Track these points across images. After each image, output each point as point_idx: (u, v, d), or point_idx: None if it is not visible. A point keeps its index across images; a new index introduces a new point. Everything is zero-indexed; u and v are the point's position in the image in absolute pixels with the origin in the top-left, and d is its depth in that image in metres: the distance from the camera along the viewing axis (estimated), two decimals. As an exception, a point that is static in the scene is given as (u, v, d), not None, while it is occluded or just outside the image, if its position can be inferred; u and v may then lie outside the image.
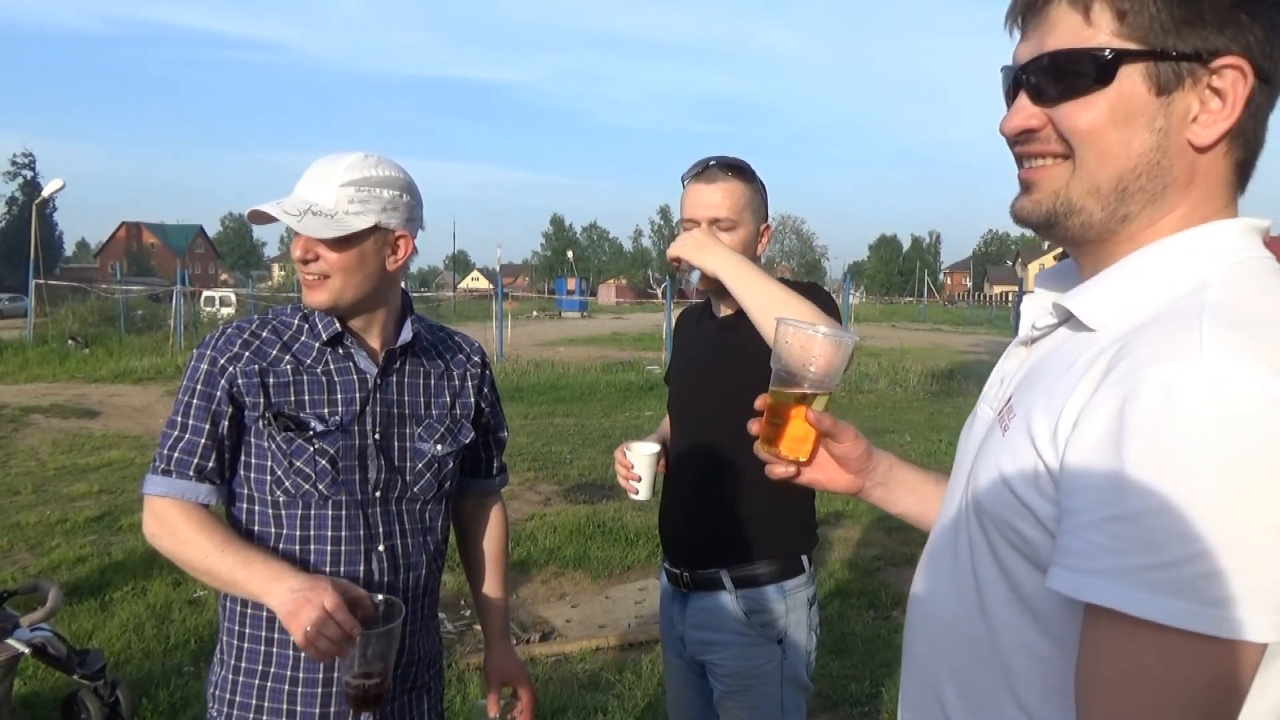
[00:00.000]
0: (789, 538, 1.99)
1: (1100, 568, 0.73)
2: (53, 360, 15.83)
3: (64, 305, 21.70)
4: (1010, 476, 0.84)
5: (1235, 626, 0.70)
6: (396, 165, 1.63)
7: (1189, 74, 0.81)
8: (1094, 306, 0.86)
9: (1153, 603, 0.71)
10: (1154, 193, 0.85)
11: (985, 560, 0.88)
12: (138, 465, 8.02)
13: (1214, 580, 0.69)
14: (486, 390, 1.84)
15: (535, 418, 11.34)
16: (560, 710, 3.57)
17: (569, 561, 5.40)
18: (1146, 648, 0.72)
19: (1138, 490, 0.72)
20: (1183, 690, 0.72)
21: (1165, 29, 0.81)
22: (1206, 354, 0.72)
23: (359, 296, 1.60)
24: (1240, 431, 0.70)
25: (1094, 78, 0.83)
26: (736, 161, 1.93)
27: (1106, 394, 0.76)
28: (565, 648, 4.21)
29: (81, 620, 4.36)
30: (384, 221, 1.58)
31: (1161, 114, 0.82)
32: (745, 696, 1.96)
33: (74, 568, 5.18)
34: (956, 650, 0.92)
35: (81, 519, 6.15)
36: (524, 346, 19.74)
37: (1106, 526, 0.73)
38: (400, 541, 1.66)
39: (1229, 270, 0.82)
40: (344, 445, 1.60)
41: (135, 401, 12.18)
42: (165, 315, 20.94)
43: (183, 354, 17.02)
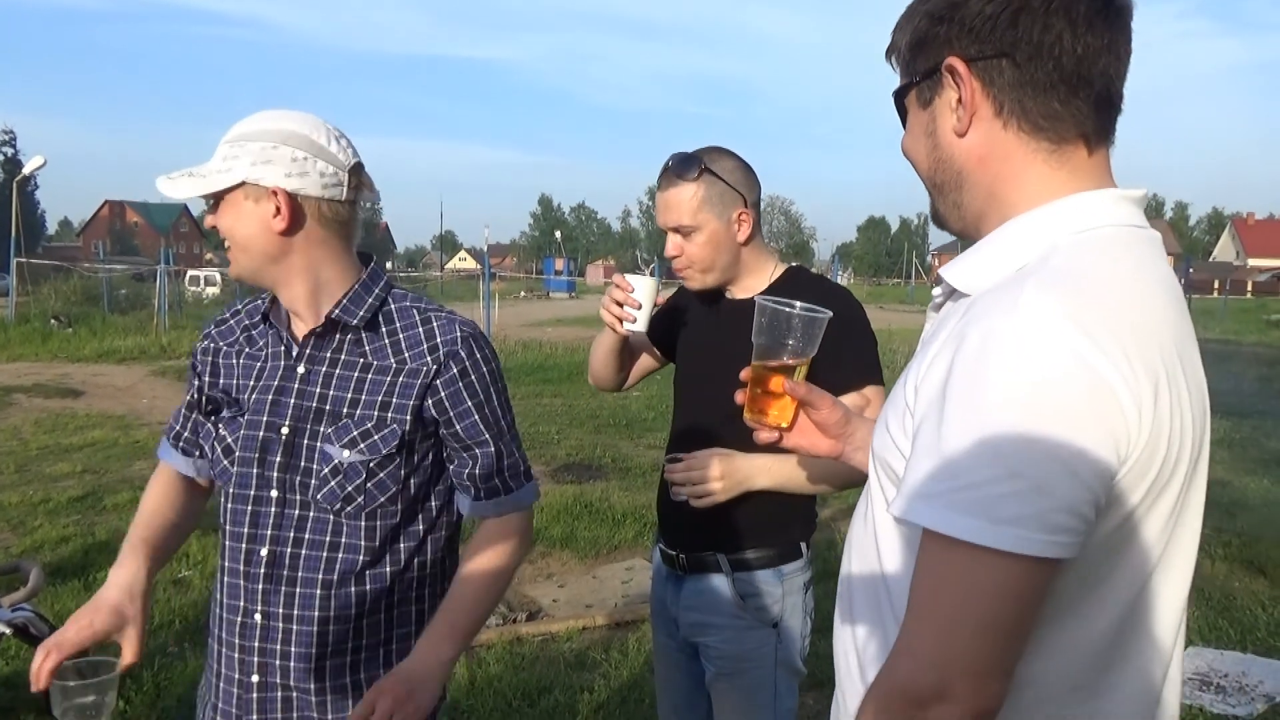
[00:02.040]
0: (788, 524, 1.97)
1: (920, 492, 0.87)
2: (35, 340, 15.69)
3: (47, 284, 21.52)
4: (890, 421, 1.00)
5: (1021, 543, 0.81)
6: (298, 117, 1.45)
7: (936, 84, 1.01)
8: (965, 274, 0.99)
9: (955, 521, 0.83)
10: (955, 179, 1.03)
11: (877, 495, 1.03)
12: (121, 445, 7.98)
13: (1005, 502, 0.82)
14: (445, 394, 1.48)
15: (523, 398, 11.32)
16: (547, 689, 3.57)
17: (556, 541, 5.40)
18: (952, 561, 0.85)
19: (952, 425, 0.85)
20: (979, 599, 0.84)
21: (910, 63, 1.04)
22: (1021, 310, 0.84)
23: (253, 262, 1.45)
24: (1037, 377, 0.82)
25: (899, 111, 1.09)
26: (687, 159, 1.89)
27: (948, 346, 0.89)
28: (552, 627, 4.22)
29: (65, 600, 4.33)
30: (252, 176, 1.40)
31: (930, 121, 1.03)
32: (738, 679, 1.95)
33: (57, 548, 5.15)
34: (860, 568, 1.07)
35: (65, 499, 6.11)
36: (512, 327, 19.69)
37: (928, 457, 0.87)
38: (289, 550, 1.48)
39: (1077, 237, 0.93)
40: (245, 435, 1.50)
41: (119, 381, 12.09)
42: (149, 295, 20.76)
43: (167, 334, 16.91)
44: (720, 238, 1.91)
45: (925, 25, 1.00)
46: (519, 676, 3.67)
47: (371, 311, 1.50)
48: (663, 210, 1.94)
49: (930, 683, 0.85)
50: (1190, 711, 3.44)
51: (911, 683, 0.86)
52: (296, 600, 1.48)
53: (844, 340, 1.47)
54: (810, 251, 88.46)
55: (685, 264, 1.94)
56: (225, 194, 1.43)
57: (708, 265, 1.94)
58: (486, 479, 1.54)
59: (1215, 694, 3.57)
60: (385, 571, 1.51)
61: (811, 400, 1.31)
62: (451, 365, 1.49)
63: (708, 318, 2.07)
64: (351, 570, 1.48)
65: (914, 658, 0.86)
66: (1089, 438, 0.82)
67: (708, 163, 1.89)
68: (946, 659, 0.84)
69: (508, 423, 1.56)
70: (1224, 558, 5.19)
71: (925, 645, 0.86)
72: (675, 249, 1.93)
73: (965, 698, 0.84)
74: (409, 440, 1.48)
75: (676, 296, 2.18)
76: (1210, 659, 3.85)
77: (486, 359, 1.53)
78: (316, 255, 1.47)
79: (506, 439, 1.55)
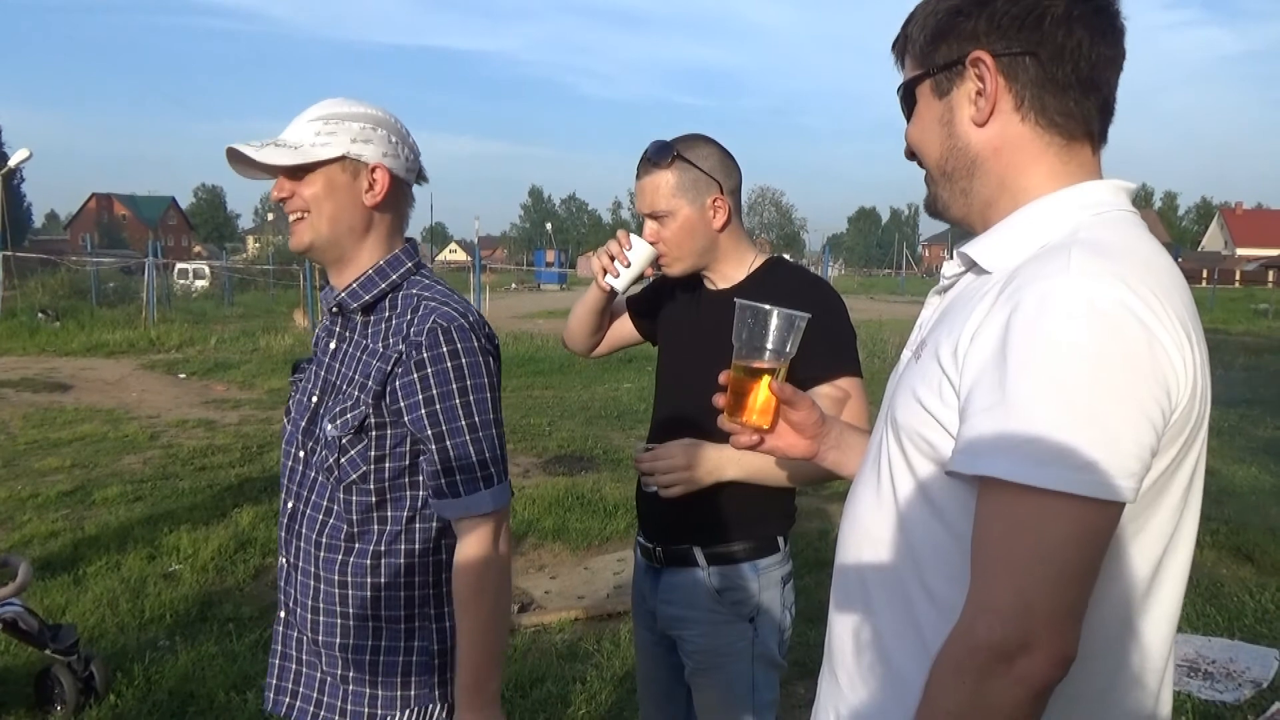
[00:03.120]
0: (765, 518, 1.96)
1: (988, 446, 0.89)
2: (22, 334, 15.58)
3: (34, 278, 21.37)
4: (920, 393, 1.01)
5: (1097, 487, 0.85)
6: (379, 107, 1.59)
7: (957, 76, 1.06)
8: (989, 251, 1.04)
9: (1031, 470, 0.86)
10: (968, 167, 1.08)
11: (901, 471, 1.04)
12: (110, 439, 7.94)
13: (1082, 448, 0.85)
14: (400, 383, 1.49)
15: (514, 390, 11.31)
16: (539, 680, 3.58)
17: (548, 533, 5.40)
18: (1026, 508, 0.87)
19: (1017, 380, 0.88)
20: (1058, 546, 0.87)
21: (928, 53, 1.08)
22: (1073, 271, 0.90)
23: (335, 234, 1.55)
24: (1100, 329, 0.87)
25: (908, 102, 1.13)
26: (661, 148, 1.92)
27: (997, 312, 0.93)
28: (544, 618, 4.22)
29: (54, 595, 4.32)
30: (354, 152, 1.53)
31: (946, 111, 1.08)
32: (715, 674, 1.95)
33: (46, 543, 5.12)
34: (876, 550, 1.08)
35: (53, 493, 6.07)
36: (503, 319, 19.65)
37: (994, 412, 0.89)
38: (302, 507, 1.61)
39: (1094, 217, 1.01)
40: (296, 400, 1.67)
41: (108, 375, 12.02)
42: (137, 288, 20.65)
43: (155, 327, 16.83)
44: (694, 224, 1.92)
45: (949, 19, 1.05)
46: (511, 668, 3.67)
47: (378, 296, 1.57)
48: (639, 197, 1.97)
49: (1015, 634, 0.86)
50: (1178, 698, 3.47)
51: (995, 637, 0.87)
52: (300, 552, 1.61)
53: (820, 331, 1.45)
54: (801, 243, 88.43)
55: (662, 250, 1.96)
56: (318, 166, 1.52)
57: (681, 251, 1.95)
58: (435, 477, 1.52)
59: (1203, 680, 3.60)
60: (368, 549, 1.56)
61: (793, 401, 1.31)
62: (411, 354, 1.49)
63: (687, 307, 2.08)
64: (336, 538, 1.57)
65: (994, 612, 0.87)
66: (1150, 385, 0.88)
67: (682, 150, 1.91)
68: (1029, 609, 0.86)
69: (471, 423, 1.50)
70: (1212, 545, 5.22)
71: (1004, 598, 0.87)
72: (652, 235, 1.95)
73: (1050, 645, 0.86)
74: (374, 423, 1.52)
75: (660, 281, 2.19)
76: (1198, 645, 3.87)
77: (456, 353, 1.49)
78: (383, 234, 1.60)
79: (463, 439, 1.50)
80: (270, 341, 15.19)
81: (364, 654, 1.58)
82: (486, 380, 1.52)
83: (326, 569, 1.57)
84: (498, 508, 1.53)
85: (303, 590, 1.60)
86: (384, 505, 1.56)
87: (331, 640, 1.58)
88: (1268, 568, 4.92)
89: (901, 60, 1.14)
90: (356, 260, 1.58)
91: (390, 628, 1.58)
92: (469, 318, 1.53)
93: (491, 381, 1.54)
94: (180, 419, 8.97)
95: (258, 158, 1.50)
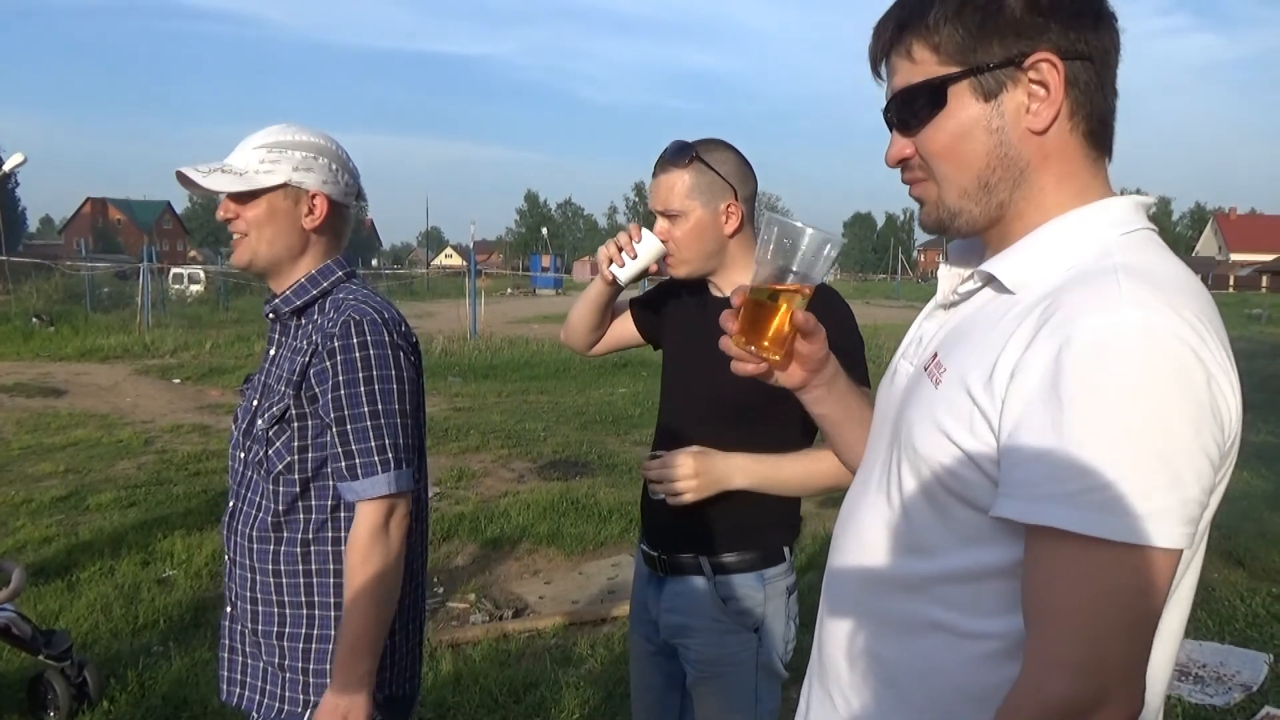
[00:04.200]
0: (771, 528, 1.95)
1: (1046, 494, 0.84)
2: (17, 339, 15.54)
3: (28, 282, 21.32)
4: (947, 425, 0.94)
5: (1167, 537, 0.81)
6: (321, 134, 1.70)
7: (1009, 78, 0.96)
8: (1014, 270, 0.97)
9: (1097, 520, 0.81)
10: (1015, 178, 0.98)
11: (917, 500, 0.98)
12: (105, 444, 7.93)
13: (1147, 498, 0.81)
14: (313, 371, 1.59)
15: (509, 395, 11.31)
16: (533, 686, 3.58)
17: (542, 538, 5.40)
18: (1093, 562, 0.83)
19: (1075, 422, 0.82)
20: (1127, 598, 0.83)
21: (970, 48, 0.96)
22: (1128, 303, 0.84)
23: (274, 254, 1.67)
24: (1161, 368, 0.82)
25: (931, 104, 0.99)
26: (680, 147, 1.91)
27: (1043, 344, 0.86)
28: (538, 624, 4.23)
29: (48, 601, 4.31)
30: (295, 179, 1.64)
31: (995, 115, 0.97)
32: (717, 683, 1.94)
33: (40, 548, 5.11)
34: (880, 572, 1.03)
35: (47, 499, 6.06)
36: (498, 324, 19.65)
37: (1049, 457, 0.84)
38: (240, 505, 1.71)
39: (1123, 239, 0.95)
40: (240, 406, 1.76)
41: (102, 380, 12.00)
42: (132, 293, 20.62)
43: (150, 332, 16.80)
44: (705, 226, 1.92)
45: (999, 11, 0.95)
46: (505, 673, 3.68)
47: (309, 301, 1.68)
48: (653, 193, 1.96)
49: (1090, 691, 0.82)
50: (1169, 702, 3.48)
51: (1068, 695, 0.83)
52: (238, 547, 1.70)
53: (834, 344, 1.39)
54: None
55: (670, 249, 1.95)
56: (261, 192, 1.63)
57: (689, 253, 1.94)
58: (336, 460, 1.60)
59: (1194, 684, 3.61)
60: (296, 537, 1.65)
61: (812, 333, 1.15)
62: (324, 344, 1.60)
63: (692, 312, 2.06)
64: (265, 529, 1.66)
65: (1066, 668, 0.83)
66: (1210, 424, 0.84)
67: (701, 152, 1.91)
68: (1102, 664, 0.83)
69: (374, 410, 1.57)
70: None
71: (1076, 653, 0.83)
72: (663, 233, 1.95)
73: (1124, 701, 0.83)
74: (294, 414, 1.62)
75: (665, 284, 2.16)
76: (1189, 649, 3.89)
77: (365, 344, 1.58)
78: (319, 252, 1.70)
79: (363, 424, 1.57)
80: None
81: (298, 641, 1.67)
82: (394, 372, 1.60)
83: (260, 560, 1.66)
84: (392, 492, 1.58)
85: (241, 583, 1.69)
86: (308, 494, 1.65)
87: (270, 629, 1.67)
88: (1259, 572, 4.94)
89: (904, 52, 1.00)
90: (293, 274, 1.70)
91: (322, 615, 1.66)
92: (384, 314, 1.63)
93: (400, 374, 1.61)
94: (175, 424, 8.96)
95: (204, 183, 1.61)
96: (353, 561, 1.59)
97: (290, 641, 1.66)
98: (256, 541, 1.66)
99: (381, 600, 1.59)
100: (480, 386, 11.93)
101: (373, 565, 1.58)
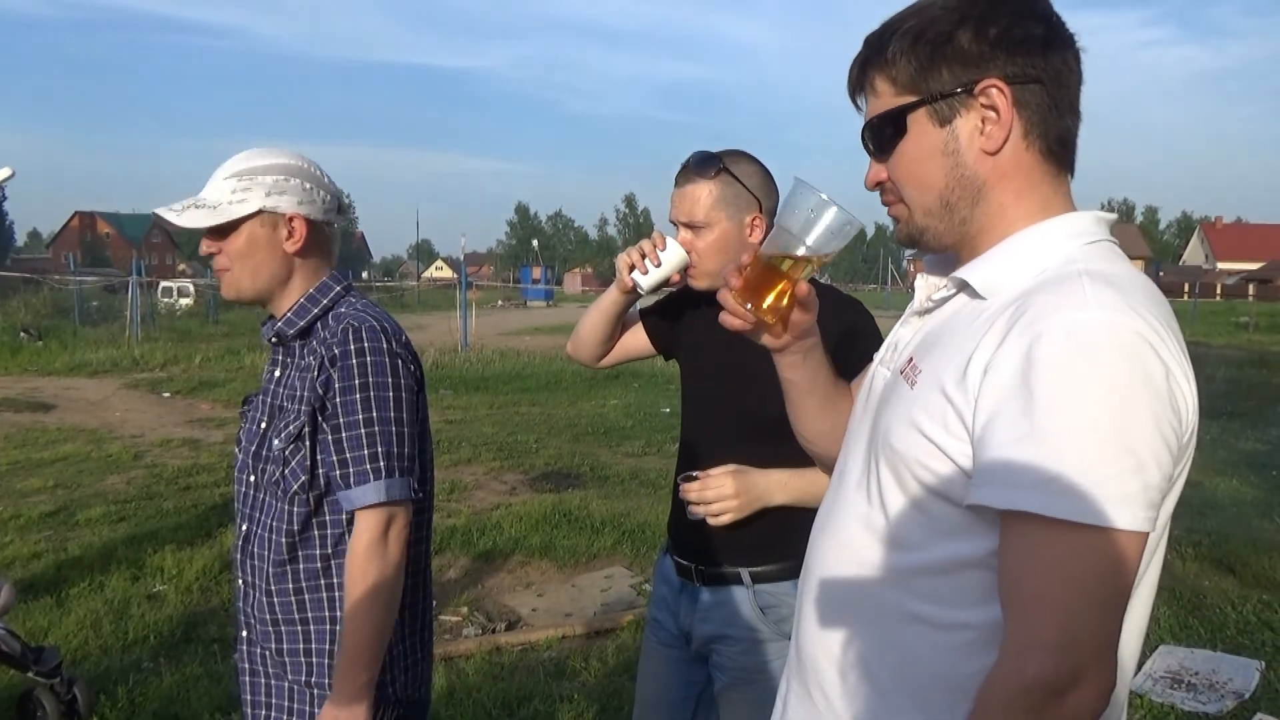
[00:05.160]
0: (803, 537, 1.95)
1: (1018, 481, 0.89)
2: (4, 353, 15.45)
3: (16, 297, 21.24)
4: (922, 424, 1.00)
5: (1129, 520, 0.87)
6: (290, 153, 1.67)
7: (961, 104, 1.03)
8: (986, 277, 1.03)
9: (1068, 505, 0.86)
10: (974, 196, 1.05)
11: (895, 496, 1.03)
12: (94, 459, 7.88)
13: (1114, 481, 0.86)
14: (319, 381, 1.59)
15: (500, 407, 11.30)
16: (526, 699, 3.57)
17: (535, 550, 5.39)
18: (1066, 544, 0.87)
19: (1047, 412, 0.88)
20: (1099, 578, 0.88)
21: (923, 78, 1.03)
22: (1094, 304, 0.91)
23: (261, 284, 1.66)
24: (1125, 362, 0.88)
25: (894, 132, 1.07)
26: (706, 158, 1.89)
27: (1014, 342, 0.92)
28: (531, 636, 4.21)
29: (37, 618, 4.28)
30: (269, 205, 1.62)
31: (951, 139, 1.04)
32: (750, 689, 1.93)
33: (29, 564, 5.07)
34: (861, 571, 1.07)
35: (36, 514, 6.01)
36: (489, 336, 19.63)
37: (1023, 445, 0.89)
38: (254, 529, 1.69)
39: (1087, 247, 1.02)
40: (245, 429, 1.75)
41: (91, 395, 11.94)
42: (121, 307, 20.54)
43: (139, 346, 16.74)
44: (730, 239, 1.89)
45: (946, 43, 1.02)
46: (498, 686, 3.67)
47: (311, 321, 1.67)
48: (676, 204, 1.93)
49: (1067, 670, 0.86)
50: (1161, 709, 3.49)
51: (1047, 674, 0.87)
52: (255, 571, 1.69)
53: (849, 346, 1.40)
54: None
55: (694, 262, 1.93)
56: (238, 223, 1.61)
57: (713, 265, 1.90)
58: (331, 469, 1.59)
59: (1186, 692, 3.62)
60: (314, 553, 1.65)
61: (808, 305, 1.21)
62: (327, 354, 1.60)
63: (710, 324, 2.02)
64: (283, 550, 1.65)
65: (1043, 648, 0.87)
66: (1169, 414, 0.90)
67: (728, 163, 1.89)
68: (1077, 643, 0.87)
69: (369, 417, 1.57)
70: (1194, 557, 5.26)
71: (1051, 633, 0.87)
72: (686, 244, 1.92)
73: (1098, 678, 0.87)
74: (310, 431, 1.60)
75: (679, 295, 2.13)
76: (1181, 657, 3.90)
77: (363, 351, 1.59)
78: (308, 273, 1.69)
79: (358, 432, 1.57)
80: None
81: (325, 657, 1.66)
82: (391, 380, 1.60)
83: (280, 581, 1.66)
84: (387, 500, 1.57)
85: (260, 607, 1.68)
86: (322, 510, 1.64)
87: (296, 647, 1.67)
88: (1249, 580, 4.96)
89: (869, 85, 1.09)
90: (288, 297, 1.69)
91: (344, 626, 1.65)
92: (383, 324, 1.64)
93: (398, 382, 1.61)
94: (164, 438, 8.92)
95: (179, 222, 1.60)
96: (352, 572, 1.57)
97: (317, 658, 1.66)
98: (274, 564, 1.65)
99: (381, 611, 1.58)
100: (471, 399, 11.90)
101: (371, 576, 1.57)
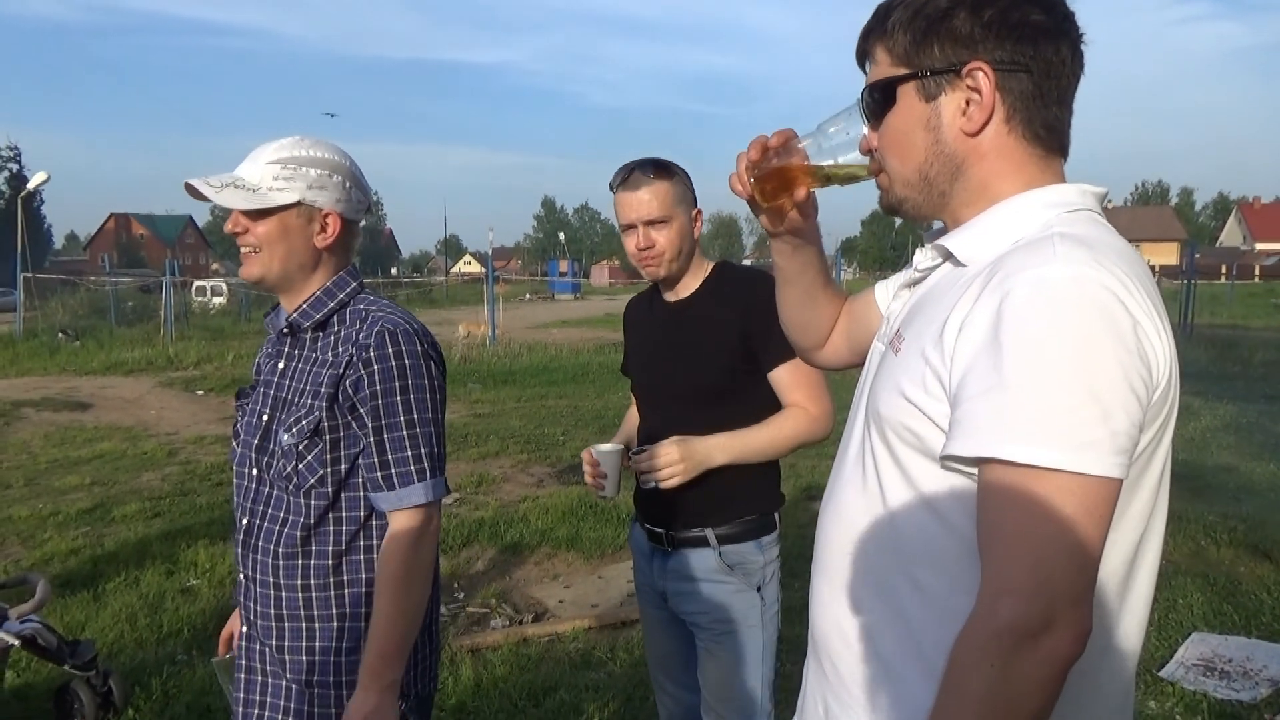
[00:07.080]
0: (761, 496, 2.16)
1: (989, 429, 0.91)
2: (43, 354, 15.78)
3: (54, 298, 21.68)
4: (905, 387, 1.03)
5: (1100, 464, 0.88)
6: (335, 148, 1.68)
7: (948, 83, 1.05)
8: (967, 245, 1.07)
9: (1037, 450, 0.88)
10: (952, 172, 1.08)
11: (887, 465, 1.06)
12: (130, 457, 8.03)
13: (1083, 427, 0.88)
14: (349, 381, 1.59)
15: (528, 400, 11.35)
16: (553, 689, 3.59)
17: (561, 542, 5.42)
18: (1036, 489, 0.89)
19: (1014, 363, 0.90)
20: (1071, 524, 0.88)
21: (916, 53, 1.06)
22: (1060, 259, 0.93)
23: (286, 271, 1.65)
24: (1090, 312, 0.90)
25: (885, 100, 1.10)
26: (657, 161, 2.10)
27: (986, 300, 0.95)
28: (558, 628, 4.24)
29: (74, 612, 4.37)
30: (309, 198, 1.62)
31: (934, 115, 1.07)
32: (728, 640, 2.11)
33: (66, 560, 5.18)
34: (863, 544, 1.10)
35: (74, 511, 6.14)
36: (517, 329, 19.73)
37: (992, 395, 0.91)
38: (258, 521, 1.68)
39: (1066, 215, 1.04)
40: (245, 422, 1.74)
41: (127, 393, 12.15)
42: (156, 306, 20.86)
43: (174, 345, 16.99)
44: (685, 231, 2.13)
45: (941, 20, 1.04)
46: (525, 677, 3.69)
47: (328, 315, 1.67)
48: (635, 205, 2.09)
49: (1039, 613, 0.87)
50: (1195, 697, 3.44)
51: (1018, 617, 0.88)
52: (258, 565, 1.67)
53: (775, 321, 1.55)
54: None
55: (658, 253, 2.11)
56: (274, 210, 1.61)
57: (676, 253, 2.12)
58: (372, 469, 1.61)
59: (1220, 679, 3.57)
60: (326, 549, 1.64)
61: (808, 214, 1.27)
62: (360, 355, 1.60)
63: (649, 323, 2.30)
64: (294, 544, 1.63)
65: (1015, 594, 0.88)
66: (1136, 363, 0.91)
67: (672, 167, 2.13)
68: (1049, 587, 0.88)
69: (410, 419, 1.59)
70: (1229, 543, 5.17)
71: (1024, 578, 0.88)
72: (647, 240, 2.10)
73: (1071, 622, 0.88)
74: (328, 426, 1.60)
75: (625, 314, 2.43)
76: (1215, 645, 3.84)
77: (399, 354, 1.59)
78: (329, 267, 1.69)
79: (400, 434, 1.59)
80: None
81: (329, 655, 1.64)
82: (427, 381, 1.62)
83: (287, 576, 1.64)
84: (429, 500, 1.60)
85: (262, 601, 1.67)
86: (338, 506, 1.64)
87: (298, 644, 1.65)
88: (1286, 565, 4.87)
89: (871, 53, 1.12)
90: (307, 289, 1.68)
91: (352, 626, 1.64)
92: (412, 325, 1.66)
93: (432, 384, 1.63)
94: (198, 435, 9.06)
95: (216, 199, 1.58)
96: (386, 571, 1.58)
97: (320, 656, 1.64)
98: (282, 558, 1.64)
99: (414, 609, 1.60)
100: (499, 392, 11.97)
101: (407, 574, 1.58)
